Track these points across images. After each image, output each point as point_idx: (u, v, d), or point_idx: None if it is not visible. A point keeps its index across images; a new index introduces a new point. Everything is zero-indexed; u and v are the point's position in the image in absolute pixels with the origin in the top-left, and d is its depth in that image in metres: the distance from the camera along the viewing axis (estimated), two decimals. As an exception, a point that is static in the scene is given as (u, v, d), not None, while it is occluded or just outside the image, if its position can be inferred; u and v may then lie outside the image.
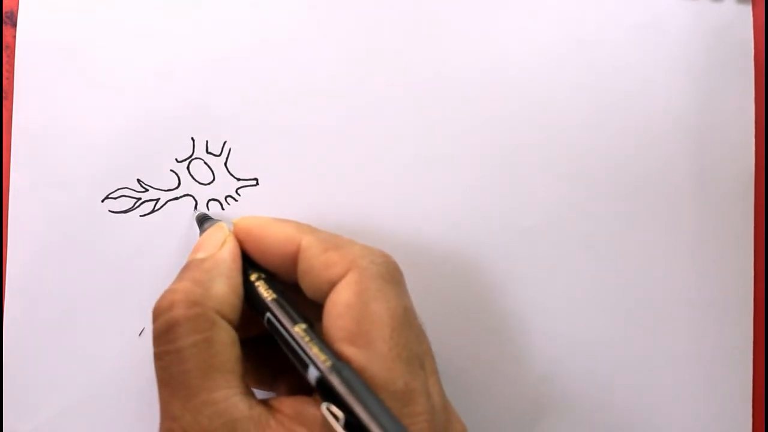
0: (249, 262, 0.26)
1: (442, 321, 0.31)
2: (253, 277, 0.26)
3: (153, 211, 0.30)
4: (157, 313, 0.24)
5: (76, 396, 0.30)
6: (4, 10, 0.30)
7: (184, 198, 0.30)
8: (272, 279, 0.26)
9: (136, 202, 0.30)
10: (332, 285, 0.24)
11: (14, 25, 0.30)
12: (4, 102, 0.30)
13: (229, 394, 0.22)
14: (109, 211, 0.30)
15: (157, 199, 0.30)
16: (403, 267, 0.26)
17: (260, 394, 0.25)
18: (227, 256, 0.25)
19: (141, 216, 0.30)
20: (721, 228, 0.32)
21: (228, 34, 0.30)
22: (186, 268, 0.25)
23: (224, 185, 0.30)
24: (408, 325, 0.24)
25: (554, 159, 0.32)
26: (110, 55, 0.30)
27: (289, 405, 0.23)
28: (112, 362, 0.30)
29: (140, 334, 0.30)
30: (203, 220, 0.29)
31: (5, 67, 0.30)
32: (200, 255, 0.26)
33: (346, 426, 0.21)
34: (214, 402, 0.22)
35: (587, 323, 0.32)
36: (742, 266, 0.33)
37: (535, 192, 0.32)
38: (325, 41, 0.31)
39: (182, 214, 0.30)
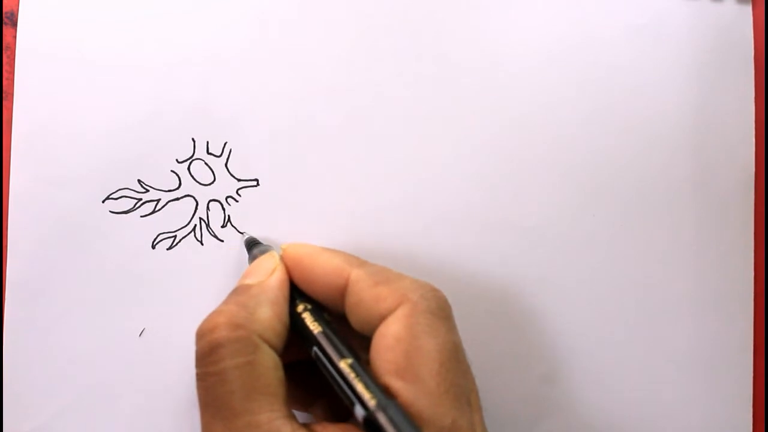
0: (296, 290, 0.26)
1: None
2: (300, 307, 0.25)
3: (154, 211, 0.30)
4: (201, 335, 0.24)
5: (76, 396, 0.30)
6: (4, 10, 0.30)
7: (184, 198, 0.30)
8: (319, 309, 0.26)
9: (136, 203, 0.30)
10: (382, 318, 0.24)
11: (14, 25, 0.30)
12: (4, 102, 0.30)
13: (272, 417, 0.22)
14: (110, 211, 0.30)
15: (158, 200, 0.30)
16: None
17: (299, 416, 0.24)
18: (275, 284, 0.25)
19: (141, 216, 0.30)
20: (721, 228, 0.32)
21: (228, 34, 0.30)
22: (233, 293, 0.26)
23: (225, 186, 0.30)
24: (456, 361, 0.23)
25: (555, 159, 0.32)
26: (110, 56, 0.30)
27: None
28: (112, 362, 0.30)
29: (140, 334, 0.30)
30: (252, 245, 0.29)
31: (5, 67, 0.30)
32: (249, 281, 0.26)
33: None
34: (258, 424, 0.22)
35: (587, 323, 0.32)
36: (742, 266, 0.33)
37: (536, 192, 0.32)
38: (325, 41, 0.31)
39: (183, 214, 0.30)
